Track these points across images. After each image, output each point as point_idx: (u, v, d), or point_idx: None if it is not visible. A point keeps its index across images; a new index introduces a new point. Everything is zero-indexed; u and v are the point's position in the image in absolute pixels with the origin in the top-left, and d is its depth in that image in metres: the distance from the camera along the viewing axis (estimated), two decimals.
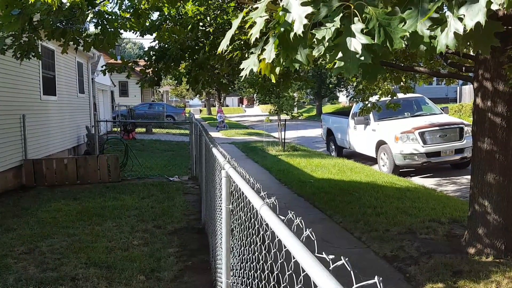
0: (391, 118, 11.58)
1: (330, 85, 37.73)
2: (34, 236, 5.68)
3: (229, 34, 2.04)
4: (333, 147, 14.98)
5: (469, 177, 5.49)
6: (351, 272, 1.02)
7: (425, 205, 7.00)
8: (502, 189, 4.79)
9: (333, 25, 1.58)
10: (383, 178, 9.73)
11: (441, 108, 12.56)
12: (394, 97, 8.85)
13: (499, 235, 4.82)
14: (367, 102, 9.01)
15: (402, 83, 7.85)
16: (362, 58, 1.54)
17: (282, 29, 1.69)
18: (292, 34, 1.65)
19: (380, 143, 11.35)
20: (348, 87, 34.95)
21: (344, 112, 15.93)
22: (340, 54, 1.58)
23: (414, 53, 6.81)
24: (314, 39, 1.67)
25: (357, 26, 1.56)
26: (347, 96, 38.15)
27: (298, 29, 1.61)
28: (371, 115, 11.54)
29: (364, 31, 1.55)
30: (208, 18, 6.08)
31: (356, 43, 1.55)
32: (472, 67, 5.32)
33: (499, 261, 4.67)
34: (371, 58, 1.55)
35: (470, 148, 6.97)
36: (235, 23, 1.99)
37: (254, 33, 1.81)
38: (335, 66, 1.61)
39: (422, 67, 6.89)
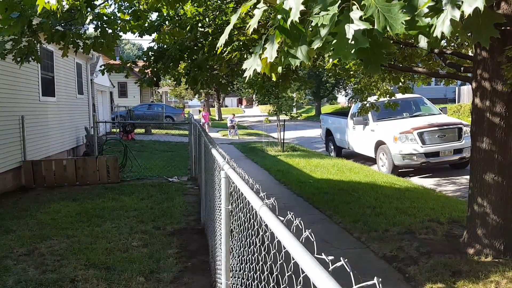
0: (390, 119, 11.60)
1: (328, 84, 37.76)
2: (34, 237, 5.68)
3: (227, 30, 2.04)
4: (332, 147, 14.99)
5: (468, 177, 5.50)
6: (351, 273, 1.02)
7: (424, 205, 7.01)
8: (501, 189, 4.80)
9: (328, 13, 1.59)
10: (382, 178, 9.73)
11: (439, 109, 12.58)
12: (393, 98, 8.86)
13: (498, 235, 4.82)
14: (365, 102, 9.02)
15: (400, 84, 7.86)
16: (358, 42, 1.54)
17: (279, 17, 1.69)
18: (289, 21, 1.65)
19: (379, 144, 11.37)
20: (347, 87, 35.01)
21: (343, 113, 15.96)
22: (336, 41, 1.59)
23: (412, 54, 6.82)
24: (312, 29, 1.67)
25: (355, 14, 1.56)
26: (345, 97, 38.24)
27: (294, 16, 1.62)
28: (370, 116, 11.56)
29: (363, 18, 1.56)
30: (207, 19, 6.09)
31: (352, 29, 1.55)
32: (470, 67, 5.33)
33: (498, 261, 4.68)
34: (368, 42, 1.55)
35: (469, 148, 6.99)
36: (234, 18, 2.00)
37: (252, 24, 1.82)
38: (333, 53, 1.62)
39: (420, 67, 6.90)
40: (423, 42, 1.65)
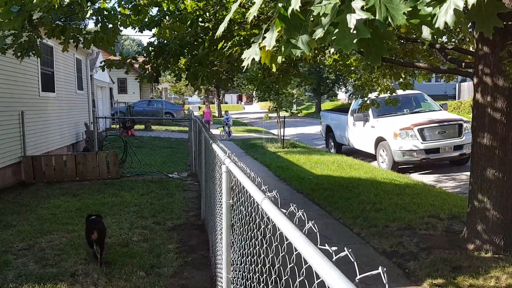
0: (390, 115, 11.59)
1: (328, 81, 37.74)
2: (34, 232, 5.68)
3: (227, 18, 2.03)
4: (332, 144, 14.99)
5: (468, 173, 5.50)
6: (355, 263, 1.01)
7: (424, 201, 7.01)
8: (502, 185, 4.80)
9: (329, 2, 1.57)
10: (382, 174, 9.73)
11: (440, 105, 12.57)
12: (394, 94, 8.85)
13: (498, 230, 4.83)
14: (366, 99, 9.01)
15: (401, 80, 7.85)
16: (360, 33, 1.53)
17: (280, 5, 1.68)
18: (290, 10, 1.64)
19: (379, 140, 11.36)
20: (347, 83, 34.99)
21: (343, 109, 15.95)
22: (338, 31, 1.57)
23: (413, 49, 6.80)
24: (313, 18, 1.66)
25: (357, 3, 1.55)
26: (346, 93, 38.22)
27: (295, 4, 1.60)
28: (370, 112, 11.53)
29: (365, 8, 1.54)
30: (207, 13, 6.06)
31: (354, 19, 1.54)
32: (471, 63, 5.32)
33: (498, 257, 4.68)
34: (369, 33, 1.53)
35: (469, 145, 6.97)
36: (234, 6, 1.99)
37: (252, 12, 1.81)
38: (334, 43, 1.60)
39: (421, 63, 6.89)
40: (425, 32, 1.64)
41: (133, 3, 5.17)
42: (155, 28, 5.90)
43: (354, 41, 1.53)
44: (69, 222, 6.16)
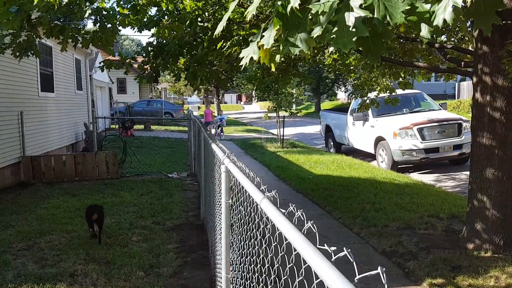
0: (389, 114, 11.58)
1: (327, 80, 37.76)
2: (33, 232, 5.68)
3: (225, 16, 2.03)
4: (332, 143, 14.98)
5: (468, 173, 5.50)
6: (354, 263, 1.01)
7: (423, 200, 7.00)
8: (501, 184, 4.79)
9: (328, 0, 1.57)
10: (382, 174, 9.73)
11: (439, 104, 12.56)
12: (393, 93, 8.84)
13: (497, 230, 4.82)
14: (365, 98, 9.00)
15: (401, 79, 7.84)
16: (358, 31, 1.52)
17: (279, 3, 1.67)
18: (289, 8, 1.63)
19: (379, 139, 11.35)
20: (347, 83, 35.00)
21: (342, 109, 15.94)
22: (337, 29, 1.57)
23: (413, 49, 6.80)
24: (311, 16, 1.65)
25: (355, 1, 1.54)
26: (345, 93, 38.23)
27: (294, 2, 1.59)
28: (369, 111, 11.52)
29: (363, 6, 1.53)
30: (206, 13, 6.06)
31: (352, 17, 1.53)
32: (471, 62, 5.31)
33: (498, 256, 4.68)
34: (368, 31, 1.53)
35: (469, 144, 6.97)
36: (232, 4, 1.98)
37: (251, 10, 1.81)
38: (333, 42, 1.60)
39: (421, 62, 6.88)
40: (424, 30, 1.63)
41: (132, 3, 5.16)
42: (154, 28, 5.90)
43: (353, 40, 1.52)
44: (68, 222, 6.15)
